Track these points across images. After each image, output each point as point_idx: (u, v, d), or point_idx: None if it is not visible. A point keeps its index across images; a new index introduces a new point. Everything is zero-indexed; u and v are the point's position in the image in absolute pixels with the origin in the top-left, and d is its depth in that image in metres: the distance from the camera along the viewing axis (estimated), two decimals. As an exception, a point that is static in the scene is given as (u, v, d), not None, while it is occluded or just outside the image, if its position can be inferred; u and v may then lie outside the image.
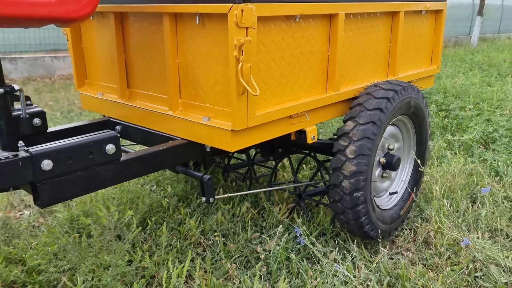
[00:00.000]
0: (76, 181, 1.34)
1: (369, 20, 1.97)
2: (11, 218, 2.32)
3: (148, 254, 1.80)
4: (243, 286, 1.64)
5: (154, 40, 1.70)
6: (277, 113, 1.61)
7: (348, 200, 1.81)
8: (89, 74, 2.12)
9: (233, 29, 1.36)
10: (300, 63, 1.68)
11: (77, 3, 1.25)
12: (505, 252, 1.89)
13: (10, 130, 1.40)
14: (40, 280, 1.71)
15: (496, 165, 2.82)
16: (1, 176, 1.20)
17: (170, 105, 1.70)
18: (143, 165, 1.53)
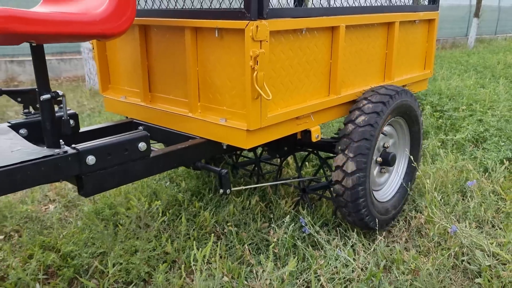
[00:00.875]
0: (114, 174, 1.55)
1: (367, 30, 2.18)
2: (37, 211, 2.53)
3: (169, 241, 2.01)
4: (256, 268, 1.85)
5: (175, 49, 1.91)
6: (286, 114, 1.83)
7: (349, 194, 2.02)
8: (112, 79, 2.32)
9: (249, 42, 1.57)
10: (305, 70, 1.90)
11: (117, 22, 1.46)
12: (490, 239, 2.10)
13: (54, 130, 1.61)
14: (74, 264, 1.92)
15: (485, 162, 3.04)
16: (55, 170, 1.41)
17: (190, 107, 1.91)
18: (169, 161, 1.74)
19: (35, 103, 1.93)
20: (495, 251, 1.99)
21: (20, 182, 1.34)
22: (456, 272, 1.92)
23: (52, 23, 1.32)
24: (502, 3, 20.15)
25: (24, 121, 1.84)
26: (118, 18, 1.46)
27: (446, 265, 1.90)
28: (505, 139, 3.45)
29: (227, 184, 1.82)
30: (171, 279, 1.81)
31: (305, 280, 1.84)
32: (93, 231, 2.18)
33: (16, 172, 1.32)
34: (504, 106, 4.28)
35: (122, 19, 1.47)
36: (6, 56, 7.67)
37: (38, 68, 1.53)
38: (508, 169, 2.96)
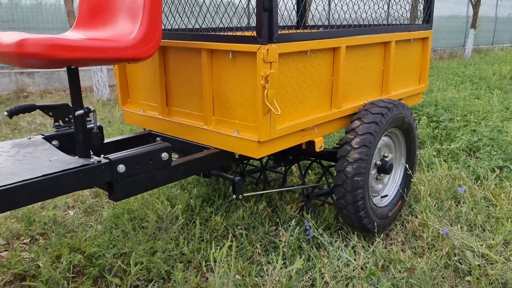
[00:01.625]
0: (140, 181, 1.74)
1: (365, 49, 2.38)
2: (59, 217, 2.71)
3: (185, 243, 2.19)
4: (265, 267, 2.03)
5: (192, 68, 2.11)
6: (292, 127, 2.02)
7: (349, 196, 2.20)
8: (131, 94, 2.52)
9: (261, 64, 1.77)
10: (310, 87, 2.09)
11: (146, 46, 1.65)
12: (480, 241, 2.28)
13: (85, 141, 1.80)
14: (99, 264, 2.10)
15: (478, 171, 3.23)
16: (91, 177, 1.60)
17: (205, 120, 2.10)
18: (188, 169, 1.93)
19: (64, 117, 2.12)
20: (484, 252, 2.17)
21: (62, 187, 1.53)
22: (448, 271, 2.10)
23: (91, 49, 1.52)
24: (499, 14, 20.46)
25: (55, 133, 2.03)
26: (147, 43, 1.66)
27: (438, 264, 2.08)
28: (497, 149, 3.64)
29: (239, 190, 2.01)
30: (188, 277, 1.99)
31: (310, 278, 2.02)
32: (114, 234, 2.36)
33: (59, 179, 1.51)
34: (497, 117, 4.48)
35: (150, 44, 1.67)
36: (16, 68, 7.89)
37: (73, 88, 1.73)
38: (499, 177, 3.15)
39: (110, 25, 1.84)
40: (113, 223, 2.51)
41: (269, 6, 1.73)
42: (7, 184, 1.40)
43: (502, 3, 20.34)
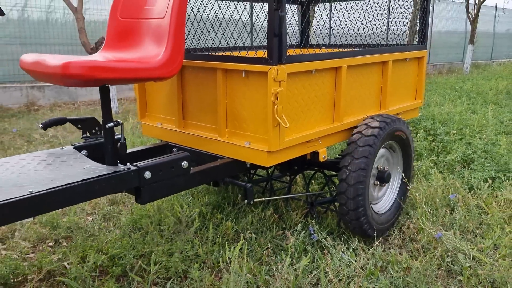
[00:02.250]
0: (163, 186, 1.95)
1: (365, 68, 2.60)
2: (79, 222, 2.91)
3: (200, 245, 2.38)
4: (274, 266, 2.22)
5: (207, 85, 2.33)
6: (298, 139, 2.23)
7: (351, 203, 2.40)
8: (149, 109, 2.74)
9: (271, 82, 1.99)
10: (314, 102, 2.31)
11: (171, 67, 1.87)
12: (471, 245, 2.47)
13: (114, 151, 2.00)
14: (121, 264, 2.29)
15: (472, 181, 3.42)
16: (121, 182, 1.80)
17: (219, 132, 2.32)
18: (204, 176, 2.13)
19: (91, 129, 2.34)
20: (475, 255, 2.35)
21: (97, 191, 1.73)
22: (441, 271, 2.28)
23: (124, 70, 1.73)
24: (497, 29, 20.81)
25: (84, 143, 2.24)
26: (172, 64, 1.87)
27: (432, 265, 2.27)
28: (490, 161, 3.84)
29: (251, 195, 2.21)
30: (203, 275, 2.18)
31: (315, 277, 2.20)
32: (133, 237, 2.56)
33: (95, 184, 1.71)
34: (491, 131, 4.68)
35: (175, 65, 1.89)
36: (27, 82, 8.14)
37: (105, 103, 1.94)
38: (491, 187, 3.35)
39: (137, 47, 2.07)
40: (131, 228, 2.70)
41: (279, 32, 1.95)
42: (51, 187, 1.61)
43: (499, 20, 20.71)
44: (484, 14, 18.67)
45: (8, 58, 8.05)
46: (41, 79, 1.80)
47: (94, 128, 2.34)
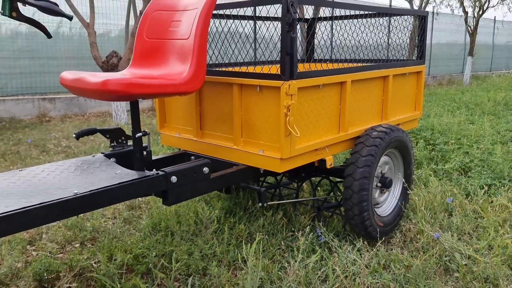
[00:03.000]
0: (187, 189, 2.16)
1: (367, 82, 2.83)
2: (101, 226, 3.11)
3: (217, 245, 2.59)
4: (286, 264, 2.42)
5: (223, 98, 2.55)
6: (308, 147, 2.44)
7: (356, 208, 2.61)
8: (167, 120, 2.96)
9: (284, 96, 2.21)
10: (321, 114, 2.53)
11: (194, 82, 2.10)
12: (467, 246, 2.67)
13: (142, 158, 2.22)
14: (145, 262, 2.50)
15: (469, 188, 3.62)
16: (151, 186, 2.01)
17: (234, 141, 2.53)
18: (223, 181, 2.34)
19: (118, 138, 2.56)
20: (470, 254, 2.55)
21: (131, 194, 1.95)
22: (439, 268, 2.48)
23: (155, 86, 1.96)
24: (496, 41, 21.11)
25: (112, 152, 2.46)
26: (195, 80, 2.10)
27: (431, 263, 2.47)
28: (487, 169, 4.05)
29: (264, 199, 2.43)
30: (221, 272, 2.38)
31: (323, 273, 2.40)
32: (153, 239, 2.76)
33: (130, 187, 1.93)
34: (488, 140, 4.90)
35: (198, 81, 2.11)
36: (38, 94, 8.41)
37: (135, 115, 2.17)
38: (487, 193, 3.55)
39: (162, 65, 2.30)
40: (151, 230, 2.91)
41: (290, 52, 2.18)
42: (92, 189, 1.82)
43: (499, 32, 21.03)
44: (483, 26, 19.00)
45: (20, 71, 8.32)
46: (80, 94, 2.03)
47: (121, 137, 2.56)
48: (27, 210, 1.61)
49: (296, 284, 2.25)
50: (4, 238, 2.90)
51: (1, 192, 1.78)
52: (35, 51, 8.49)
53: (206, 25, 2.13)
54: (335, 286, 2.26)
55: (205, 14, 2.12)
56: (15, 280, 2.41)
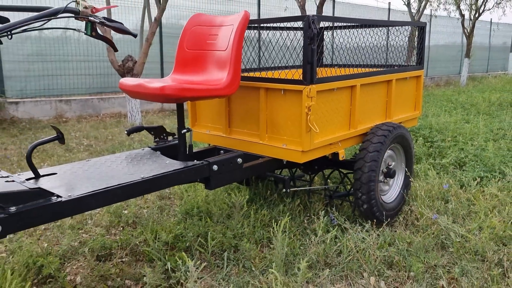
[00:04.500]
0: (225, 177, 2.57)
1: (374, 86, 3.25)
2: (138, 213, 3.52)
3: (245, 226, 3.00)
4: (307, 240, 2.83)
5: (251, 100, 2.97)
6: (324, 141, 2.86)
7: (364, 196, 3.02)
8: (198, 119, 3.38)
9: (305, 98, 2.63)
10: (335, 113, 2.95)
11: (231, 87, 2.52)
12: (461, 227, 3.09)
13: (185, 150, 2.63)
14: (184, 240, 2.91)
15: (463, 180, 4.05)
16: (197, 173, 2.43)
17: (260, 137, 2.95)
18: (252, 170, 2.76)
19: (160, 135, 2.97)
20: (463, 234, 2.97)
21: (182, 179, 2.36)
22: (436, 245, 2.90)
23: (202, 91, 2.38)
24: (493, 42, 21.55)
25: (157, 146, 2.87)
26: (233, 84, 2.52)
27: (430, 240, 2.89)
28: (480, 163, 4.47)
29: (288, 185, 2.84)
30: (251, 247, 2.80)
31: (338, 248, 2.82)
32: (188, 222, 3.18)
33: (182, 173, 2.34)
34: (481, 138, 5.32)
35: (234, 85, 2.53)
36: (55, 96, 8.81)
37: (180, 114, 2.58)
38: (480, 184, 3.97)
39: (202, 72, 2.72)
40: (185, 215, 3.32)
41: (311, 61, 2.60)
42: (153, 175, 2.24)
43: (495, 34, 21.48)
44: (480, 28, 19.46)
45: (37, 74, 8.72)
46: (139, 97, 2.44)
47: (163, 134, 2.98)
48: (109, 190, 2.03)
49: (316, 256, 2.67)
50: (54, 223, 3.30)
51: (81, 177, 2.20)
52: (49, 55, 8.88)
53: (241, 39, 2.55)
54: (349, 258, 2.68)
55: (240, 29, 2.54)
56: (75, 255, 2.83)
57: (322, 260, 2.68)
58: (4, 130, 7.36)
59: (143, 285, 2.50)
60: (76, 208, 1.91)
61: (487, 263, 2.64)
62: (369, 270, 2.58)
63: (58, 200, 1.86)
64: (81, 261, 2.77)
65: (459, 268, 2.57)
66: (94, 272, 2.61)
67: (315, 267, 2.64)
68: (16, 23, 1.84)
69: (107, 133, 7.08)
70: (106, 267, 2.65)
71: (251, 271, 2.59)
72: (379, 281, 2.48)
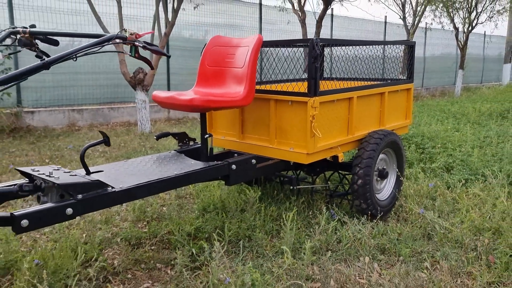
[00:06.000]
0: (241, 175, 3.02)
1: (369, 97, 3.72)
2: (158, 210, 3.96)
3: (257, 219, 3.44)
4: (311, 230, 3.27)
5: (261, 109, 3.42)
6: (325, 145, 3.32)
7: (361, 193, 3.47)
8: (214, 126, 3.83)
9: (310, 108, 3.09)
10: (335, 121, 3.41)
11: (248, 99, 2.97)
12: (445, 221, 3.53)
13: (206, 153, 3.08)
14: (204, 231, 3.35)
15: (450, 182, 4.50)
16: (218, 171, 2.87)
17: (270, 142, 3.40)
18: (264, 170, 3.21)
19: (183, 140, 3.42)
20: (447, 226, 3.41)
21: (207, 175, 2.81)
22: (423, 235, 3.35)
23: (224, 102, 2.83)
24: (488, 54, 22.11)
25: (181, 149, 3.32)
26: (249, 96, 2.98)
27: (417, 231, 3.33)
28: (466, 167, 4.93)
29: (295, 183, 3.29)
30: (263, 237, 3.23)
31: (338, 237, 3.26)
32: (206, 217, 3.61)
33: (207, 171, 2.79)
34: (469, 145, 5.79)
35: (250, 97, 2.99)
36: (67, 106, 9.26)
37: (203, 122, 3.03)
38: (465, 186, 4.42)
39: (222, 86, 3.18)
40: (202, 211, 3.76)
41: (315, 77, 3.06)
42: (184, 172, 2.68)
43: (489, 46, 22.07)
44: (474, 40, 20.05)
45: (51, 85, 9.18)
46: (170, 108, 2.90)
47: (185, 139, 3.43)
48: (150, 183, 2.47)
49: (319, 243, 3.11)
50: (85, 219, 3.73)
51: (125, 173, 2.65)
52: (61, 67, 9.34)
53: (256, 58, 3.02)
54: (347, 245, 3.12)
55: (255, 50, 3.01)
56: (110, 244, 3.26)
57: (324, 247, 3.12)
58: (22, 138, 7.80)
59: (172, 267, 2.94)
60: (126, 197, 2.36)
61: (464, 248, 3.08)
62: (365, 254, 3.02)
63: (112, 190, 2.30)
64: (116, 249, 3.21)
65: (441, 253, 3.01)
66: (129, 257, 3.04)
67: (318, 252, 3.08)
68: (79, 48, 2.30)
69: (119, 141, 7.51)
70: (138, 253, 3.08)
71: (264, 256, 3.03)
72: (373, 263, 2.92)
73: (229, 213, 3.65)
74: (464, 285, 2.68)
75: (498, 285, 2.68)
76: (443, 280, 2.69)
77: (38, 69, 2.17)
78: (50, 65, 2.20)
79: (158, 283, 2.76)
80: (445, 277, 2.71)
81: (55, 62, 2.22)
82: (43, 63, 2.18)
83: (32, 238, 3.38)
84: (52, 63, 2.20)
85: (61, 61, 2.25)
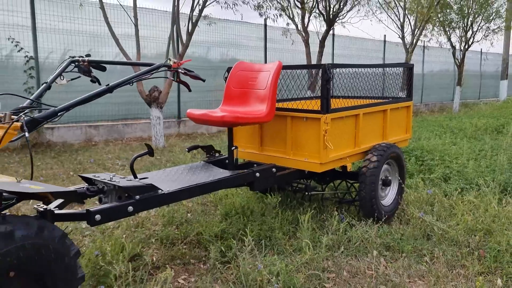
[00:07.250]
0: (264, 181, 3.47)
1: (373, 114, 4.19)
2: (184, 215, 4.40)
3: (276, 222, 3.89)
4: (324, 232, 3.70)
5: (279, 124, 3.89)
6: (336, 156, 3.78)
7: (367, 200, 3.91)
8: (235, 139, 4.29)
9: (323, 124, 3.55)
10: (344, 135, 3.87)
11: (269, 116, 3.44)
12: (442, 224, 3.97)
13: (232, 162, 3.54)
14: (229, 232, 3.78)
15: (447, 190, 4.94)
16: (245, 178, 3.32)
17: (286, 153, 3.86)
18: (282, 178, 3.67)
19: (210, 152, 3.88)
20: (444, 228, 3.85)
21: (235, 182, 3.26)
22: (422, 236, 3.78)
23: (250, 119, 3.30)
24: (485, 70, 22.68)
25: (209, 160, 3.78)
26: (270, 114, 3.45)
27: (418, 232, 3.77)
28: (461, 177, 5.38)
29: (310, 189, 3.75)
30: (282, 236, 3.67)
31: (348, 237, 3.69)
32: (228, 221, 4.05)
33: (236, 178, 3.24)
34: (465, 157, 6.25)
35: (271, 115, 3.46)
36: (84, 122, 9.75)
37: (230, 135, 3.50)
38: (460, 194, 4.87)
39: (246, 105, 3.65)
40: (225, 216, 4.21)
41: (327, 96, 3.54)
42: (217, 178, 3.14)
43: (486, 62, 22.67)
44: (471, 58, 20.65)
45: (69, 102, 9.67)
46: (204, 123, 3.37)
47: (212, 151, 3.90)
48: (190, 187, 2.93)
49: (332, 242, 3.55)
50: (119, 224, 4.16)
51: (166, 179, 3.10)
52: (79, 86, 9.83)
53: (276, 81, 3.50)
54: (357, 243, 3.56)
55: (276, 74, 3.50)
56: (150, 244, 3.70)
57: (336, 245, 3.56)
58: (43, 153, 8.26)
59: (204, 262, 3.37)
60: (173, 199, 2.81)
61: (459, 245, 3.52)
62: (372, 250, 3.46)
63: (162, 192, 2.76)
64: (152, 248, 3.64)
65: (439, 249, 3.45)
66: (165, 254, 3.47)
67: (331, 249, 3.52)
68: (136, 75, 2.78)
69: (136, 155, 7.95)
70: (173, 250, 3.52)
71: (284, 252, 3.47)
72: (380, 257, 3.36)
73: (250, 216, 4.09)
74: (458, 274, 3.11)
75: (488, 274, 3.11)
76: (440, 271, 3.12)
77: (103, 92, 2.64)
78: (113, 89, 2.67)
79: (193, 275, 3.19)
80: (442, 269, 3.15)
81: (117, 86, 2.70)
82: (108, 87, 2.66)
83: (91, 236, 3.82)
84: (115, 87, 2.68)
85: (121, 86, 2.72)
